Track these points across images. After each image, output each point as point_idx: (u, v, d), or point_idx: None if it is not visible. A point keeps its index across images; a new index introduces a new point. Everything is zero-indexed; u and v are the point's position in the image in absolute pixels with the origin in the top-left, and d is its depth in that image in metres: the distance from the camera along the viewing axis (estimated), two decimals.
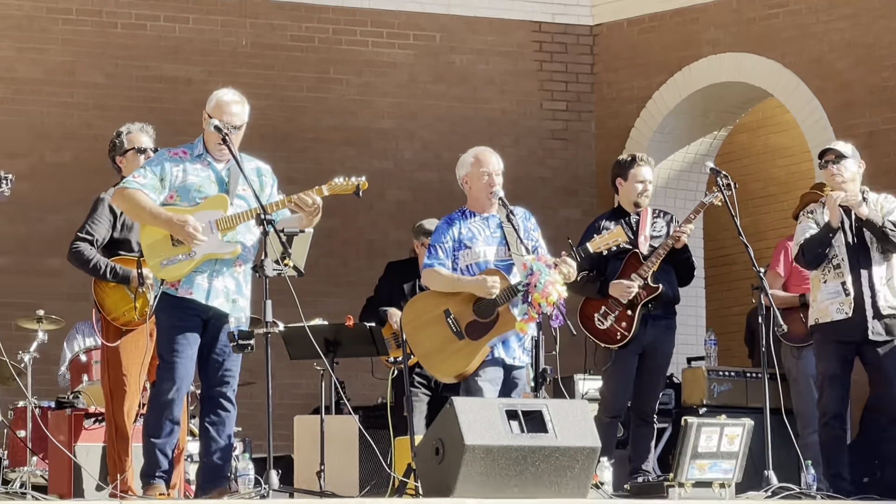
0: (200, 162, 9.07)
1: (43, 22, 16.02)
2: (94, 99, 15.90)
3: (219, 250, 8.93)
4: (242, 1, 16.95)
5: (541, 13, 17.46)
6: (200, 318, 9.00)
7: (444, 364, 9.91)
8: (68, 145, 15.13)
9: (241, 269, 9.12)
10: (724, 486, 9.77)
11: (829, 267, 10.82)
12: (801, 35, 15.99)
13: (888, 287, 10.78)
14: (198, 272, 8.88)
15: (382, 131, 16.65)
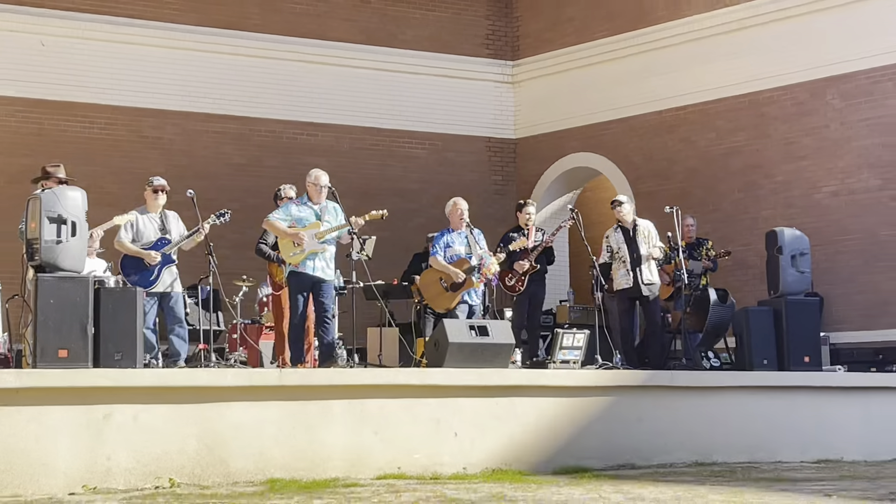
0: (304, 204, 11.36)
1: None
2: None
3: (316, 248, 11.15)
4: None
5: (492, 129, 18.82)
6: (311, 282, 11.23)
7: (439, 303, 12.31)
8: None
9: (328, 256, 11.30)
10: (575, 363, 11.99)
11: (620, 261, 12.92)
12: (617, 144, 17.47)
13: (648, 272, 12.74)
14: (307, 259, 11.14)
15: (411, 191, 17.63)
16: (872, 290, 14.69)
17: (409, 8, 18.44)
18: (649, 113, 17.16)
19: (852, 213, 14.95)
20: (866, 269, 14.75)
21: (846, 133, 15.17)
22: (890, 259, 14.61)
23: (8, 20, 15.87)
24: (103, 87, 16.31)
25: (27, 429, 8.97)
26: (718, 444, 11.88)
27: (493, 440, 10.79)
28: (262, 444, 9.79)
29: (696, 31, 16.68)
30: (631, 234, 12.82)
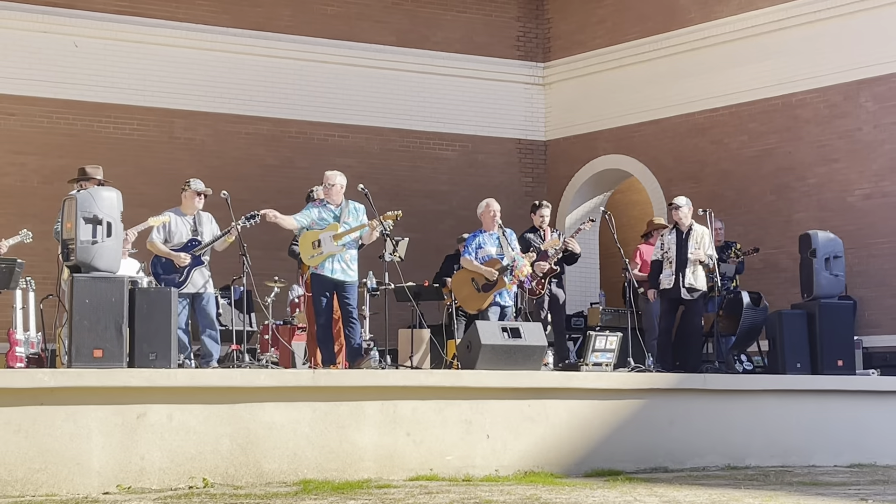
0: (324, 207, 11.38)
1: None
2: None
3: (334, 250, 11.13)
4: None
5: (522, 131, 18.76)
6: (331, 283, 11.21)
7: (471, 304, 12.22)
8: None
9: (349, 257, 11.24)
10: (607, 366, 11.86)
11: (667, 262, 12.82)
12: (648, 146, 17.40)
13: (692, 275, 12.59)
14: (325, 262, 11.16)
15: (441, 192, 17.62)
16: None
17: (440, 10, 18.43)
18: (680, 115, 17.12)
19: (886, 215, 14.89)
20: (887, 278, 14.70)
21: (879, 136, 15.08)
22: None
23: (41, 21, 15.94)
24: (135, 88, 16.38)
25: (62, 428, 9.03)
26: (752, 448, 11.86)
27: (525, 442, 10.78)
28: (295, 445, 9.81)
29: (728, 33, 16.63)
30: (684, 236, 12.78)
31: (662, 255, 12.98)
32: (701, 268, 12.70)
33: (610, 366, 12.13)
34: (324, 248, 11.19)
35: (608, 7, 18.18)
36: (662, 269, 12.91)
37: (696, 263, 12.69)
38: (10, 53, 15.78)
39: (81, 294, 9.47)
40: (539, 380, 11.09)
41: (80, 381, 9.16)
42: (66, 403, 9.06)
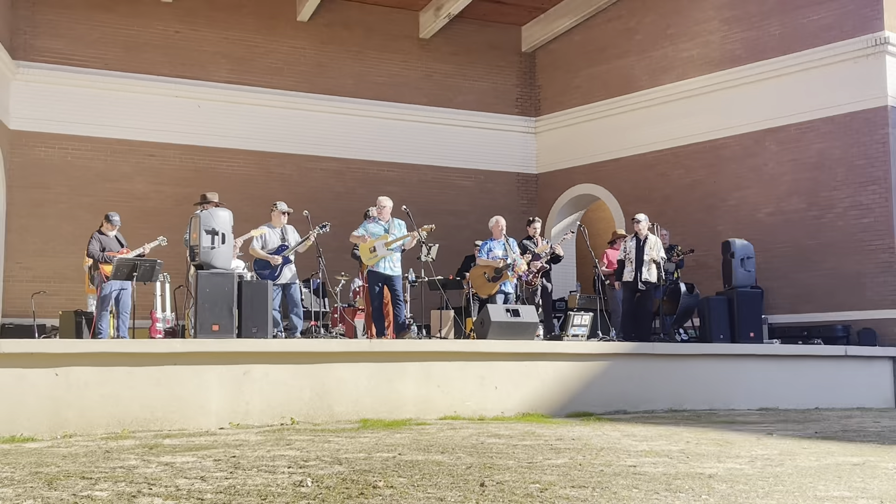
0: (376, 222, 11.41)
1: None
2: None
3: (384, 254, 11.16)
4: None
5: (519, 167, 18.61)
6: (383, 277, 11.23)
7: (483, 291, 12.15)
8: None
9: (395, 258, 11.24)
10: (582, 337, 11.93)
11: (628, 261, 12.70)
12: (611, 177, 17.11)
13: (647, 272, 12.48)
14: (381, 261, 11.18)
15: (461, 211, 17.34)
16: (799, 285, 14.54)
17: (461, 80, 18.34)
18: (635, 155, 17.00)
19: (784, 228, 14.81)
20: (794, 269, 14.59)
21: (780, 170, 15.00)
22: (811, 262, 14.48)
23: (175, 89, 16.05)
24: (242, 136, 16.39)
25: (190, 381, 9.13)
26: (687, 397, 11.87)
27: (523, 392, 10.80)
28: (357, 394, 9.86)
29: (669, 95, 16.57)
30: (641, 243, 12.66)
31: (625, 257, 12.84)
32: (654, 266, 12.58)
33: (584, 337, 12.15)
34: (378, 253, 11.18)
35: (582, 76, 18.08)
36: (625, 266, 12.78)
37: (650, 263, 12.57)
38: (152, 111, 15.83)
39: (203, 285, 9.62)
40: (533, 347, 11.09)
41: (203, 347, 9.28)
42: (192, 364, 9.17)
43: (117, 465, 6.32)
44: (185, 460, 6.54)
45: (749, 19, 15.50)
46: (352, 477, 5.77)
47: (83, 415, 8.62)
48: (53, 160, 15.15)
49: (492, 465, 6.35)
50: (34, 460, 6.56)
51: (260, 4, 16.80)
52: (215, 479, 5.69)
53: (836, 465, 6.55)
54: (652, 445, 7.64)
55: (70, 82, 15.35)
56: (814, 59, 14.57)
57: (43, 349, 8.76)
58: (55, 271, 14.63)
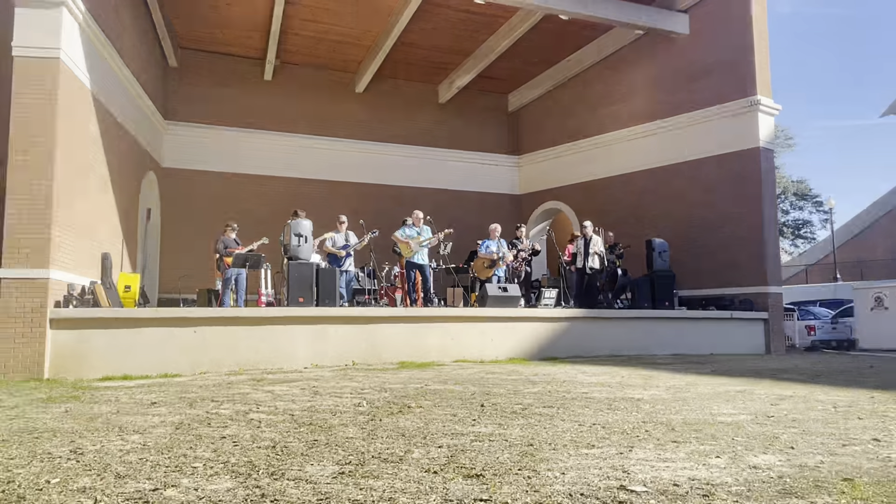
0: (411, 227, 11.22)
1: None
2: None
3: (418, 249, 11.02)
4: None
5: (509, 190, 18.19)
6: (417, 265, 11.09)
7: (483, 275, 11.89)
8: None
9: (424, 252, 11.08)
10: (550, 306, 11.88)
11: (579, 255, 12.39)
12: (571, 197, 16.68)
13: (592, 262, 12.21)
14: (415, 254, 11.04)
15: (469, 220, 16.74)
16: (699, 270, 14.31)
17: (467, 130, 18.15)
18: (588, 181, 16.77)
19: (689, 230, 14.59)
20: (696, 259, 14.36)
21: (687, 191, 14.72)
22: (708, 254, 14.24)
23: (274, 139, 16.02)
24: (317, 170, 16.29)
25: (284, 336, 9.18)
26: (622, 346, 11.84)
27: (510, 344, 10.81)
28: (397, 345, 9.90)
29: (611, 140, 16.34)
30: (587, 241, 12.49)
31: (577, 251, 12.69)
32: (597, 257, 12.41)
33: (552, 305, 12.09)
34: (413, 249, 11.08)
35: (550, 128, 17.86)
36: (576, 258, 12.63)
37: (594, 255, 12.42)
38: (258, 153, 15.78)
39: (293, 271, 9.67)
40: (517, 313, 11.06)
41: (293, 313, 9.34)
42: (286, 324, 9.24)
43: (235, 392, 6.39)
44: (280, 389, 6.61)
45: (664, 87, 15.31)
46: (393, 400, 5.82)
47: (212, 359, 8.73)
48: (191, 187, 15.19)
49: (489, 392, 6.39)
50: (179, 389, 6.67)
51: (331, 81, 16.72)
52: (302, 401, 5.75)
53: (725, 392, 6.57)
54: (598, 379, 7.67)
55: (202, 135, 15.37)
56: (709, 114, 14.39)
57: (185, 314, 8.85)
58: (194, 262, 14.52)
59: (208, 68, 15.70)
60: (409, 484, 3.11)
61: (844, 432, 4.38)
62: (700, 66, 14.65)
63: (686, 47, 14.87)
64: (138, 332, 8.47)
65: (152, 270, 14.39)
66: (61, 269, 8.40)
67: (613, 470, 3.38)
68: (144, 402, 5.74)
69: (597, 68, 16.71)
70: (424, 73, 17.16)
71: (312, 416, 5.00)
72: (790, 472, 3.37)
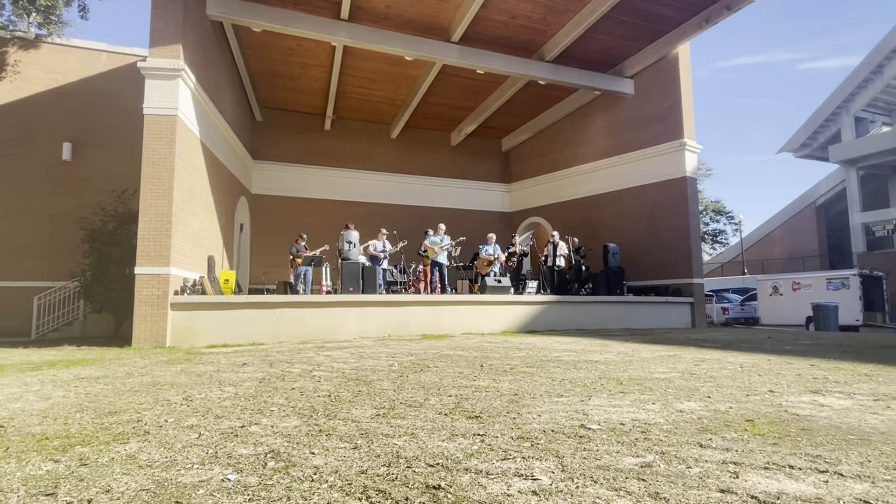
0: (436, 236, 11.14)
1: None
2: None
3: (441, 252, 10.97)
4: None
5: (501, 208, 17.77)
6: (439, 264, 10.96)
7: (484, 271, 11.73)
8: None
9: (445, 254, 11.00)
10: (532, 293, 11.66)
11: (549, 256, 12.11)
12: (549, 213, 16.29)
13: (559, 261, 12.05)
14: (438, 256, 10.97)
15: (472, 231, 15.82)
16: (643, 266, 14.04)
17: (471, 165, 17.96)
18: (561, 202, 16.48)
19: (636, 238, 14.31)
20: (641, 257, 14.09)
21: (634, 209, 14.44)
22: (650, 254, 13.95)
23: (333, 173, 15.91)
24: (363, 196, 16.21)
25: (337, 315, 9.12)
26: (585, 323, 11.65)
27: (503, 321, 10.68)
28: (421, 321, 9.80)
29: (577, 171, 16.08)
30: (555, 246, 12.30)
31: (549, 253, 12.44)
32: (562, 258, 12.15)
33: (533, 293, 11.89)
34: (437, 251, 10.95)
35: (533, 162, 17.59)
36: (548, 259, 12.37)
37: (559, 256, 12.16)
38: (321, 184, 15.67)
39: (346, 269, 9.61)
40: (508, 298, 10.93)
41: (345, 299, 9.27)
42: (340, 307, 9.17)
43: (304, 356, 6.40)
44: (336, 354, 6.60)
45: (616, 132, 15.06)
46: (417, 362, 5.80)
47: (287, 332, 8.72)
48: (273, 209, 15.15)
49: (486, 356, 6.35)
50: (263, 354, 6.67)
51: (372, 130, 16.62)
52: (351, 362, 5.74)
53: (660, 356, 6.48)
54: (567, 346, 7.59)
55: (280, 170, 15.33)
56: (649, 152, 14.17)
57: (268, 300, 8.82)
58: (275, 263, 14.64)
59: (285, 121, 15.68)
60: (426, 422, 3.12)
61: (748, 386, 4.30)
62: (642, 117, 14.45)
63: (632, 103, 14.67)
64: (234, 313, 8.51)
65: (244, 268, 14.42)
66: (178, 267, 8.45)
67: (576, 413, 3.35)
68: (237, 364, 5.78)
69: (567, 119, 16.52)
70: (440, 123, 17.07)
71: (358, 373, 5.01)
72: (707, 414, 3.33)
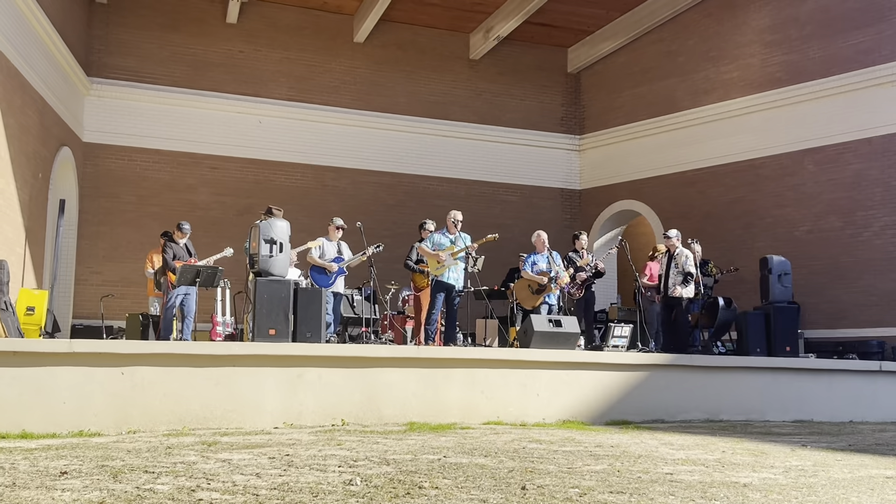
0: (443, 235, 11.40)
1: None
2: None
3: (450, 264, 11.22)
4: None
5: (563, 182, 18.59)
6: (446, 286, 11.22)
7: (527, 303, 12.14)
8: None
9: (459, 269, 11.27)
10: (622, 347, 11.99)
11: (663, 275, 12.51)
12: (652, 194, 17.05)
13: (675, 286, 12.28)
14: (445, 273, 11.18)
15: (507, 225, 16.94)
16: (835, 301, 14.40)
17: (508, 98, 18.41)
18: (675, 173, 16.95)
19: (821, 245, 14.68)
20: (831, 285, 14.44)
21: (818, 189, 14.89)
22: (848, 279, 14.33)
23: (238, 106, 16.35)
24: (299, 151, 16.62)
25: (247, 383, 9.20)
26: (724, 407, 11.72)
27: (563, 400, 10.72)
28: (405, 398, 9.85)
29: (710, 116, 16.50)
30: (671, 258, 12.48)
31: (661, 272, 12.68)
32: (687, 285, 12.34)
33: (624, 347, 12.09)
34: (445, 262, 11.18)
35: (625, 96, 18.07)
36: (661, 281, 12.61)
37: (679, 276, 12.34)
38: (215, 126, 16.14)
39: (261, 291, 9.70)
40: (574, 356, 11.02)
41: (260, 350, 9.33)
42: (250, 366, 9.23)
43: (178, 460, 6.41)
44: (241, 457, 6.62)
45: (789, 43, 15.41)
46: (399, 477, 5.80)
47: (146, 412, 8.74)
48: (123, 171, 15.51)
49: (533, 469, 6.34)
50: (100, 454, 6.67)
51: (319, 26, 17.02)
52: (269, 476, 5.76)
53: (868, 477, 6.45)
54: (688, 454, 7.57)
55: (140, 98, 15.73)
56: (853, 81, 14.45)
57: (110, 349, 8.87)
58: (122, 276, 14.95)
59: (149, 4, 15.97)
60: None
61: None
62: (842, 11, 14.65)
63: None
64: (44, 373, 8.48)
65: (65, 286, 14.68)
66: None
67: None
68: (50, 472, 5.75)
69: (693, 13, 16.78)
70: (450, 17, 17.31)
71: (285, 498, 5.00)
72: None
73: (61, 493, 4.98)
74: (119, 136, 15.53)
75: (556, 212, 18.38)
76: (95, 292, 14.34)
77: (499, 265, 14.34)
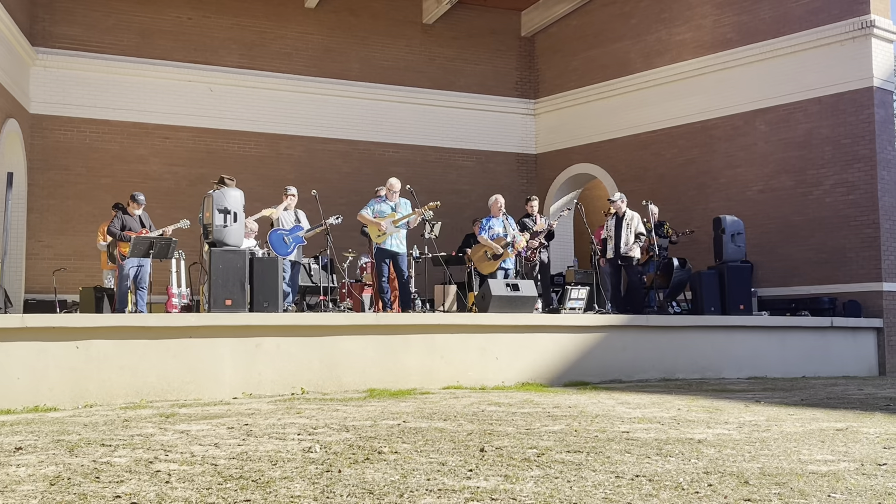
0: (383, 202, 11.42)
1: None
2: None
3: (391, 231, 11.20)
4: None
5: (519, 147, 18.51)
6: (390, 253, 11.27)
7: (484, 268, 12.16)
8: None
9: (401, 236, 11.27)
10: (579, 310, 12.13)
11: (609, 239, 12.50)
12: (607, 157, 16.97)
13: (626, 247, 12.28)
14: (387, 239, 11.21)
15: (463, 190, 17.42)
16: (787, 259, 14.55)
17: (462, 63, 18.34)
18: (630, 135, 16.99)
19: (773, 204, 14.81)
20: (783, 244, 14.59)
21: (769, 149, 14.97)
22: (799, 237, 14.48)
23: (188, 75, 16.07)
24: (252, 119, 16.43)
25: (204, 354, 9.19)
26: (679, 366, 11.97)
27: (522, 363, 10.87)
28: (364, 365, 9.92)
29: (663, 78, 16.54)
30: (619, 219, 12.57)
31: (607, 234, 12.74)
32: (636, 246, 12.40)
33: (581, 310, 12.21)
34: (385, 230, 11.21)
35: (579, 59, 18.04)
36: (607, 243, 12.67)
37: (632, 242, 12.39)
38: (165, 95, 15.90)
39: (217, 261, 9.67)
40: (532, 320, 11.12)
41: (217, 321, 9.34)
42: (206, 337, 9.24)
43: (135, 432, 6.38)
44: (199, 428, 6.60)
45: (740, 3, 15.48)
46: (358, 443, 5.82)
47: (103, 386, 8.71)
48: (72, 143, 15.25)
49: (492, 431, 6.40)
50: (56, 429, 6.63)
51: None
52: (228, 446, 5.75)
53: (820, 430, 6.59)
54: (644, 412, 7.69)
55: (87, 67, 15.44)
56: (802, 41, 14.54)
57: (64, 323, 8.80)
58: (75, 249, 14.80)
59: None
60: None
61: None
62: None
63: None
64: None
65: (16, 261, 14.46)
66: None
67: None
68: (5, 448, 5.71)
69: None
70: None
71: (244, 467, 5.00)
72: None
73: (16, 469, 4.93)
74: (67, 107, 15.25)
75: (513, 177, 18.39)
76: (47, 266, 14.23)
77: (456, 231, 14.45)
